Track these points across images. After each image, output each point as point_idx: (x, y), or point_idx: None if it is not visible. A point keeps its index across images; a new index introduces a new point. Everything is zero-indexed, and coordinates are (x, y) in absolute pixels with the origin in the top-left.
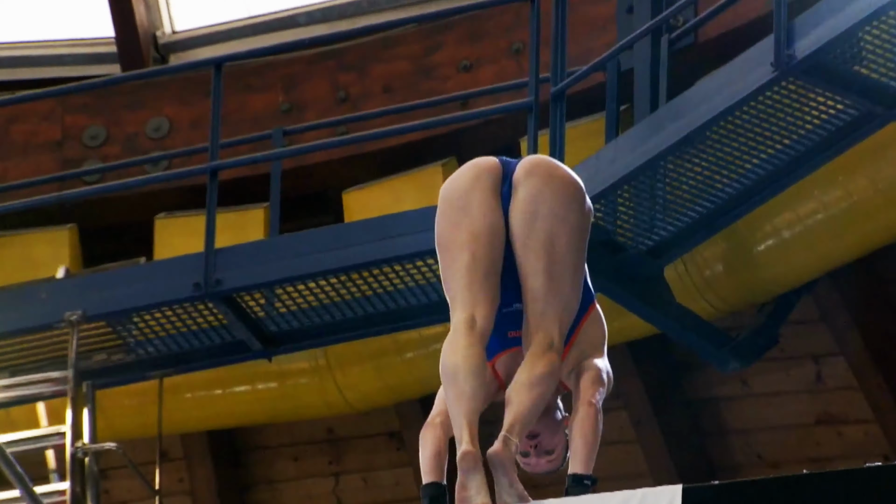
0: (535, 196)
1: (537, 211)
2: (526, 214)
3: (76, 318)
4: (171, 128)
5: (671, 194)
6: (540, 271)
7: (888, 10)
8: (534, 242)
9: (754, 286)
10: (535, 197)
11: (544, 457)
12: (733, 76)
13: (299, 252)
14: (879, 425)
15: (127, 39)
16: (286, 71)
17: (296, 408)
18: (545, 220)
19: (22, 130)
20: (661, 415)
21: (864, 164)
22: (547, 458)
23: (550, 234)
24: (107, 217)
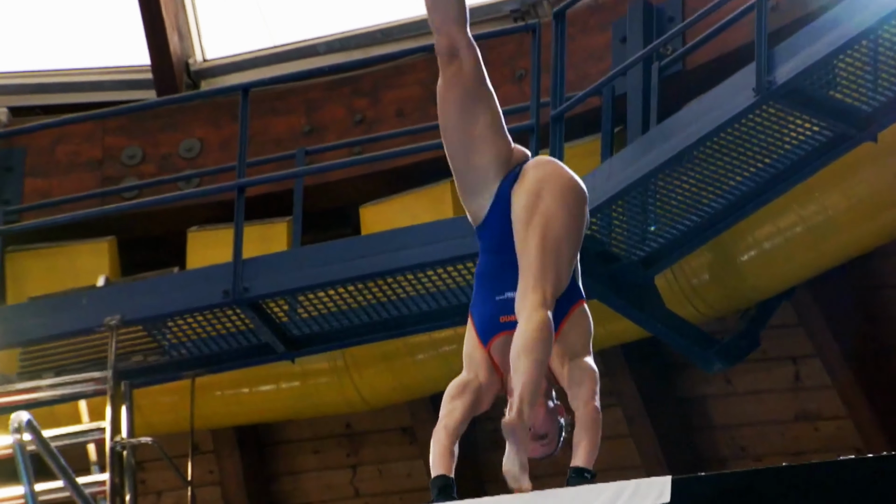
0: (541, 181)
1: (542, 194)
2: (531, 196)
3: (115, 322)
4: (202, 148)
5: (661, 209)
6: (537, 244)
7: (860, 39)
8: (536, 220)
9: (737, 293)
10: (541, 182)
11: (538, 441)
12: (718, 100)
13: (320, 262)
14: (852, 421)
15: (162, 67)
16: (307, 96)
17: (316, 405)
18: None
19: (66, 150)
20: (652, 412)
21: (838, 181)
22: (541, 442)
23: (550, 215)
24: (143, 230)
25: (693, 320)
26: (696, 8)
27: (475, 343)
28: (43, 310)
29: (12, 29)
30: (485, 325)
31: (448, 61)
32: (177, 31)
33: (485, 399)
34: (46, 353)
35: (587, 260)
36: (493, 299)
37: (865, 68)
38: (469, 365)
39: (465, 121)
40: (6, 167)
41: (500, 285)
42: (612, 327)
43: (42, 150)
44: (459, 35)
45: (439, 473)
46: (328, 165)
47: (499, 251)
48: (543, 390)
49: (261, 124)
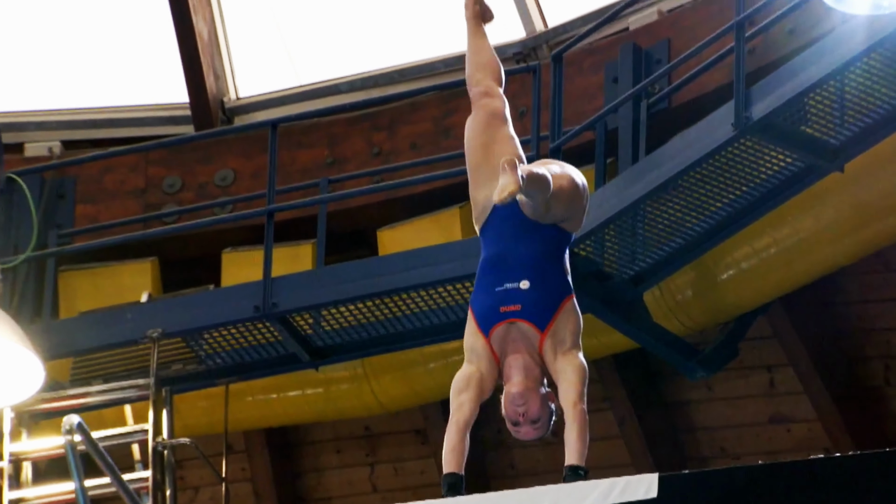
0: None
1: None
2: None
3: (157, 335)
4: (236, 177)
5: (649, 232)
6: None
7: (828, 80)
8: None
9: (718, 308)
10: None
11: (531, 425)
12: (700, 134)
13: (341, 280)
14: (821, 424)
15: (199, 104)
16: (330, 130)
17: (338, 409)
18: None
19: (113, 179)
20: (640, 415)
21: (809, 207)
22: (533, 426)
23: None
24: (182, 251)
25: (677, 332)
26: (681, 51)
27: (476, 334)
28: (92, 323)
29: (65, 69)
30: (485, 315)
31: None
32: (213, 72)
33: (487, 388)
34: (95, 363)
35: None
36: (492, 290)
37: (833, 105)
38: (470, 356)
39: (491, 127)
40: (59, 195)
41: (499, 277)
42: (605, 339)
43: (91, 179)
44: (496, 90)
45: (449, 471)
46: (349, 193)
47: (499, 244)
48: (536, 380)
49: (288, 156)
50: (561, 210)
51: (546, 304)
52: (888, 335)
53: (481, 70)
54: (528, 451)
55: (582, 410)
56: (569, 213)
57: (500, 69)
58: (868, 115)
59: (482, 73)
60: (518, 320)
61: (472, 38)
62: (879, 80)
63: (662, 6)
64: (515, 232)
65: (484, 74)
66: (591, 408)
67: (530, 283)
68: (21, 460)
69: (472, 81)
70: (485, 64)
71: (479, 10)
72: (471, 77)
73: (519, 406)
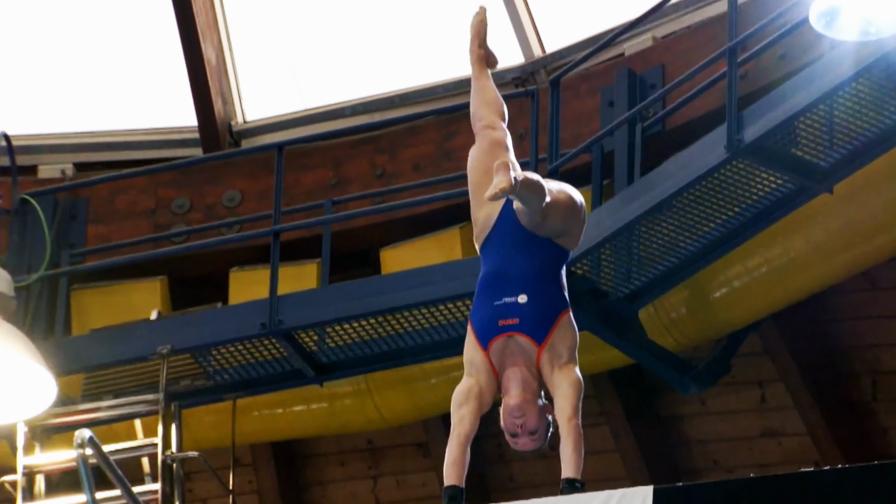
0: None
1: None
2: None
3: (166, 351)
4: (242, 198)
5: (644, 251)
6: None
7: (818, 104)
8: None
9: (711, 325)
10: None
11: (529, 436)
12: (694, 157)
13: (345, 298)
14: (811, 438)
15: (207, 128)
16: (334, 153)
17: (342, 423)
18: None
19: (124, 200)
20: (636, 429)
21: (799, 227)
22: (531, 437)
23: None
24: (191, 270)
25: (672, 349)
26: (675, 76)
27: (475, 347)
28: (103, 340)
29: (77, 93)
30: (484, 329)
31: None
32: (220, 97)
33: (486, 401)
34: (106, 378)
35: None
36: (491, 304)
37: (823, 129)
38: (470, 369)
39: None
40: (72, 215)
41: (498, 292)
42: (601, 355)
43: (103, 200)
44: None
45: (450, 483)
46: (352, 213)
47: (498, 260)
48: (534, 392)
49: (293, 178)
50: (558, 221)
51: (543, 318)
52: (876, 352)
53: (486, 107)
54: (527, 465)
55: (576, 425)
56: (565, 227)
57: (503, 106)
58: (856, 138)
59: (486, 109)
60: (516, 334)
61: (476, 79)
62: (867, 105)
63: (657, 32)
64: (514, 248)
65: (488, 111)
66: (588, 422)
67: (528, 297)
68: (34, 473)
69: (477, 117)
70: (489, 102)
71: (483, 55)
72: (475, 114)
73: (517, 418)
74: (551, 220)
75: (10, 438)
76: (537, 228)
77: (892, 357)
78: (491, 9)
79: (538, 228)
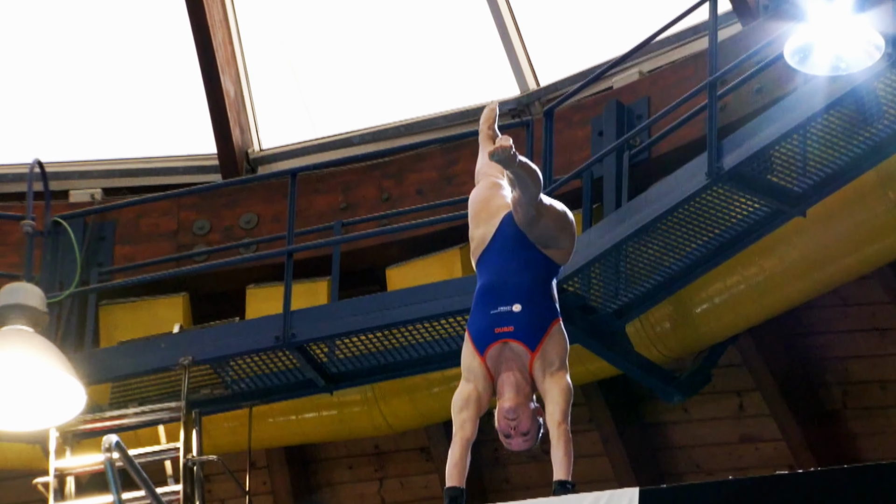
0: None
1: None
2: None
3: (187, 362)
4: (259, 221)
5: (631, 270)
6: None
7: (792, 134)
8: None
9: (693, 339)
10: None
11: (522, 437)
12: (677, 183)
13: (353, 313)
14: (786, 443)
15: (226, 155)
16: (344, 178)
17: (350, 429)
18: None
19: (148, 223)
20: (623, 435)
21: (774, 248)
22: (523, 437)
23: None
24: (210, 287)
25: (656, 360)
26: (660, 108)
27: (472, 353)
28: (129, 352)
29: (105, 123)
30: (481, 336)
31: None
32: (238, 126)
33: (483, 404)
34: (132, 387)
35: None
36: (488, 313)
37: (796, 157)
38: (467, 374)
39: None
40: (100, 237)
41: (494, 301)
42: (591, 366)
43: (129, 222)
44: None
45: (451, 485)
46: (360, 234)
47: (494, 272)
48: (527, 396)
49: (306, 201)
50: (550, 224)
51: (536, 326)
52: (845, 363)
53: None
54: (522, 468)
55: (566, 430)
56: (556, 233)
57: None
58: (828, 165)
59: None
60: (511, 340)
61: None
62: (838, 134)
63: (643, 67)
64: (509, 262)
65: (493, 170)
66: (578, 428)
67: (522, 306)
68: (65, 475)
69: (482, 174)
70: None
71: (491, 135)
72: (480, 170)
73: (511, 420)
74: (545, 220)
75: (42, 443)
76: (531, 226)
77: (860, 368)
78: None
79: (531, 226)
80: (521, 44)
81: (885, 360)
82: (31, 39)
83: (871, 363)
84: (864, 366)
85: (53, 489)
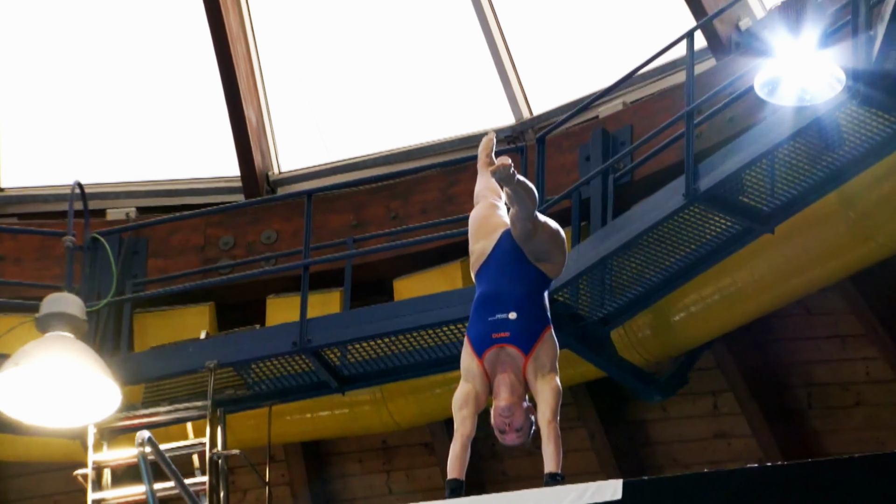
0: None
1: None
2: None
3: (213, 365)
4: (278, 237)
5: (615, 282)
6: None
7: (761, 159)
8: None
9: (671, 344)
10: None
11: (515, 433)
12: (657, 203)
13: (364, 321)
14: (756, 439)
15: (248, 177)
16: (355, 198)
17: (360, 426)
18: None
19: (178, 239)
20: (608, 431)
21: (745, 262)
22: (517, 433)
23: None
24: (234, 297)
25: (638, 364)
26: (641, 135)
27: (471, 357)
28: (160, 356)
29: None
30: (479, 340)
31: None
32: (259, 151)
33: (481, 402)
34: (163, 388)
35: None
36: (486, 320)
37: (765, 179)
38: (467, 375)
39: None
40: (134, 251)
41: (491, 309)
42: (580, 369)
43: (160, 238)
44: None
45: (452, 477)
46: (370, 249)
47: (491, 283)
48: (520, 396)
49: (321, 219)
50: (545, 239)
51: (530, 332)
52: (809, 367)
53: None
54: (517, 461)
55: (555, 427)
56: (550, 248)
57: (499, 188)
58: (794, 187)
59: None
60: (506, 345)
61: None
62: (803, 159)
63: (626, 98)
64: (505, 274)
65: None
66: (567, 425)
67: (517, 314)
68: (102, 467)
69: (481, 196)
70: (491, 188)
71: (489, 163)
72: (479, 192)
73: (506, 417)
74: (539, 235)
75: (82, 438)
76: (527, 240)
77: (823, 371)
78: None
79: (528, 240)
80: (515, 77)
81: (845, 364)
82: (74, 74)
83: (832, 367)
84: (826, 369)
85: (92, 480)
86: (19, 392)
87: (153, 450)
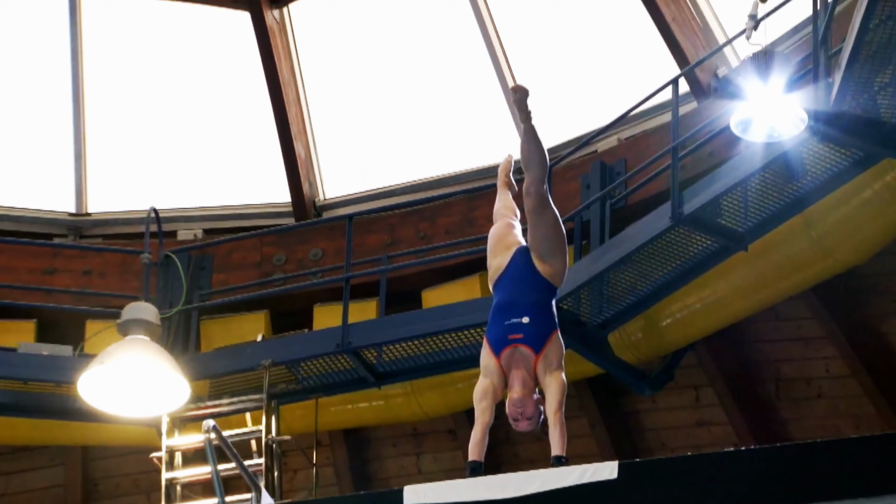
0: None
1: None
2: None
3: (268, 363)
4: (323, 254)
5: (612, 292)
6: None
7: (737, 187)
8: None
9: (660, 345)
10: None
11: (527, 421)
12: (648, 225)
13: (397, 326)
14: (732, 427)
15: (298, 203)
16: (389, 221)
17: (394, 415)
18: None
19: (238, 256)
20: (606, 420)
21: (723, 275)
22: (528, 421)
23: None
24: (286, 306)
25: (632, 362)
26: (634, 166)
27: (490, 355)
28: (223, 356)
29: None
30: (497, 341)
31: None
32: (308, 181)
33: (498, 395)
34: (225, 383)
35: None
36: (502, 324)
37: (740, 204)
38: (485, 372)
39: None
40: (201, 267)
41: (507, 315)
42: (581, 367)
43: (223, 255)
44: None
45: (473, 459)
46: (402, 265)
47: (507, 293)
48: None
49: (360, 239)
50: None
51: (540, 335)
52: (777, 365)
53: (505, 209)
54: (527, 446)
55: (561, 416)
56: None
57: (516, 209)
58: (764, 210)
59: (506, 211)
60: (520, 345)
61: (501, 193)
62: (772, 187)
63: (621, 135)
64: (519, 286)
65: (508, 212)
66: (570, 415)
67: (529, 319)
68: (174, 451)
69: (500, 214)
70: (508, 207)
71: (508, 183)
72: (498, 211)
73: (518, 407)
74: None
75: (157, 426)
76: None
77: (790, 368)
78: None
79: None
80: None
81: (808, 362)
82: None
83: (797, 365)
84: (792, 367)
85: (165, 462)
86: (104, 387)
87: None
